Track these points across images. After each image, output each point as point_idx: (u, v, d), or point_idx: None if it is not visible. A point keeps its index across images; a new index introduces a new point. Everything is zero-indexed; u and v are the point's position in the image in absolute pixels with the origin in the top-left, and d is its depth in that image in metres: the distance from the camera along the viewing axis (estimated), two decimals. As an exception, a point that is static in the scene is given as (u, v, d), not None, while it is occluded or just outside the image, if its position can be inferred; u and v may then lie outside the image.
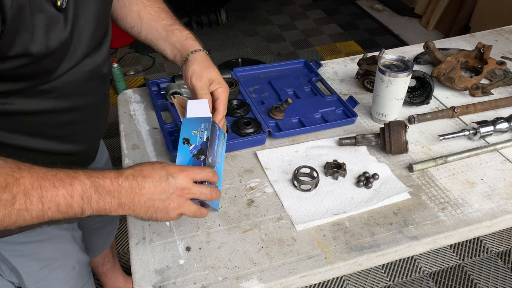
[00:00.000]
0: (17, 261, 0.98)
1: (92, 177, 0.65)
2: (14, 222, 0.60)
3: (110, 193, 0.66)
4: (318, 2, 4.44)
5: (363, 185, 1.00)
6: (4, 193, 0.58)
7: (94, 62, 0.80)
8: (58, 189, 0.61)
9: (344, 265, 0.85)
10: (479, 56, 1.39)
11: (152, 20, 0.94)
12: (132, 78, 3.21)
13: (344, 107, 1.23)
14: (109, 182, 0.66)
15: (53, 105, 0.77)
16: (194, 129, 0.81)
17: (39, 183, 0.60)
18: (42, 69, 0.69)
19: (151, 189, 0.69)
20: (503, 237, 2.03)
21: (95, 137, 1.00)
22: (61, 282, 1.08)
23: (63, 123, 0.82)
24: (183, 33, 0.92)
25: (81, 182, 0.63)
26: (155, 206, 0.70)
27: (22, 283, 1.02)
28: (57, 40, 0.67)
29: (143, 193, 0.68)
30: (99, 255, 1.52)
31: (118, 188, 0.66)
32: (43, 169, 0.62)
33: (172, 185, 0.70)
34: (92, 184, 0.64)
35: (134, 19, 0.95)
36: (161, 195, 0.69)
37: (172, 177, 0.70)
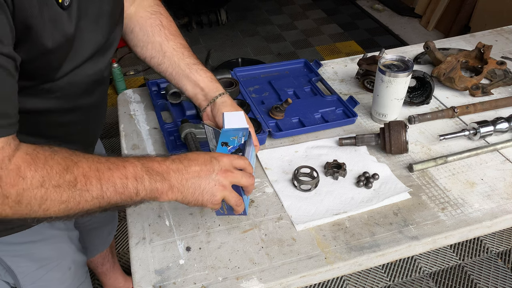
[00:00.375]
0: (13, 261, 0.98)
1: (141, 160, 0.69)
2: (78, 203, 0.62)
3: (159, 174, 0.69)
4: (318, 2, 4.44)
5: (363, 185, 1.00)
6: (66, 174, 0.61)
7: (97, 66, 0.81)
8: (113, 170, 0.65)
9: (344, 265, 0.85)
10: (479, 56, 1.39)
11: (175, 56, 0.96)
12: (132, 78, 3.21)
13: (344, 107, 1.23)
14: (157, 164, 0.69)
15: (54, 105, 0.78)
16: (233, 136, 0.85)
17: (96, 166, 0.64)
18: (47, 65, 0.69)
19: (197, 169, 0.72)
20: (503, 237, 2.03)
21: (92, 138, 1.00)
22: (57, 282, 1.08)
23: (62, 123, 0.83)
24: (207, 74, 0.96)
25: (132, 164, 0.67)
26: (201, 187, 0.72)
27: (18, 284, 1.02)
28: (61, 36, 0.67)
29: (190, 172, 0.71)
30: (98, 254, 1.52)
31: (167, 170, 0.70)
32: (96, 156, 0.66)
33: (216, 166, 0.73)
34: (143, 165, 0.68)
35: (156, 50, 0.97)
36: (207, 176, 0.72)
37: (216, 159, 0.74)
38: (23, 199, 0.59)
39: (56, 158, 0.61)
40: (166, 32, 0.98)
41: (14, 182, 0.57)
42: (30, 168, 0.59)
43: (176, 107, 1.23)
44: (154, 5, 1.00)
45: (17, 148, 0.59)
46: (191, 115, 1.20)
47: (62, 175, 0.60)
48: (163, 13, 1.00)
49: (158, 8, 1.00)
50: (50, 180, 0.60)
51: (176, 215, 0.94)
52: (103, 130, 2.04)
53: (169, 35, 0.98)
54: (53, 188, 0.60)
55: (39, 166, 0.59)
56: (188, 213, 0.94)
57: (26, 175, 0.58)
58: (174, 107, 1.22)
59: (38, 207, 0.60)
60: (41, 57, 0.66)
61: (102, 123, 1.01)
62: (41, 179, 0.59)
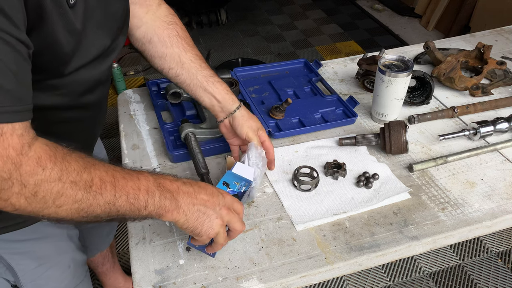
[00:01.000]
0: (13, 259, 0.98)
1: (154, 175, 0.69)
2: (90, 205, 0.61)
3: (170, 192, 0.69)
4: (318, 2, 4.44)
5: (363, 185, 1.00)
6: (83, 173, 0.60)
7: (101, 67, 0.82)
8: (127, 180, 0.65)
9: (344, 265, 0.85)
10: (479, 56, 1.39)
11: (192, 67, 0.98)
12: (132, 78, 3.21)
13: (344, 107, 1.23)
14: (169, 182, 0.70)
15: (58, 102, 0.78)
16: (236, 181, 0.90)
17: (112, 172, 0.64)
18: (56, 59, 0.70)
19: (205, 198, 0.73)
20: (503, 237, 2.03)
21: (92, 137, 1.00)
22: (56, 280, 1.08)
23: (63, 120, 0.83)
24: (223, 87, 0.99)
25: (146, 177, 0.68)
26: (205, 216, 0.73)
27: (18, 281, 1.02)
28: (69, 32, 0.68)
29: (198, 198, 0.72)
30: (98, 254, 1.52)
31: (177, 189, 0.70)
32: (112, 164, 0.66)
33: (221, 201, 0.75)
34: (155, 181, 0.68)
35: (174, 61, 0.99)
36: (212, 207, 0.74)
37: (222, 195, 0.76)
38: (39, 191, 0.57)
39: (74, 156, 0.61)
40: (184, 43, 1.00)
41: (34, 171, 0.56)
42: (50, 160, 0.58)
43: (176, 107, 1.23)
44: (170, 15, 1.02)
45: (36, 138, 0.59)
46: (191, 115, 1.20)
47: (80, 173, 0.60)
48: (178, 23, 1.02)
49: (174, 18, 1.02)
50: (68, 175, 0.59)
51: (176, 215, 0.94)
52: (103, 130, 2.04)
53: (187, 46, 1.00)
54: (70, 184, 0.59)
55: (58, 159, 0.59)
56: (188, 213, 0.94)
57: (47, 166, 0.57)
58: (174, 107, 1.22)
59: (52, 202, 0.59)
60: (50, 49, 0.66)
61: (102, 123, 1.01)
62: (59, 172, 0.58)
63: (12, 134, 0.55)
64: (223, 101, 0.98)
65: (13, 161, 0.55)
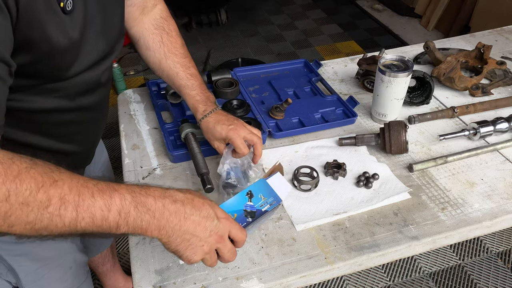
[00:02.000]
0: (14, 261, 0.98)
1: (135, 192, 0.62)
2: (46, 226, 0.56)
3: (150, 212, 0.62)
4: (318, 2, 4.43)
5: (363, 185, 1.00)
6: (38, 193, 0.55)
7: (100, 69, 0.83)
8: (95, 199, 0.58)
9: (344, 265, 0.85)
10: (479, 56, 1.39)
11: (170, 75, 1.03)
12: (132, 78, 3.21)
13: (344, 107, 1.23)
14: (152, 200, 0.62)
15: (58, 105, 0.78)
16: (263, 194, 0.82)
17: (78, 190, 0.57)
18: (54, 66, 0.70)
19: (196, 222, 0.65)
20: (503, 237, 2.03)
21: (94, 138, 1.01)
22: (58, 281, 1.08)
23: (64, 122, 0.83)
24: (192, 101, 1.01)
25: (121, 195, 0.60)
26: (190, 241, 0.66)
27: (19, 283, 1.02)
28: (66, 39, 0.68)
29: (188, 223, 0.65)
30: (98, 254, 1.52)
31: (162, 209, 0.63)
32: (84, 178, 0.60)
33: (214, 227, 0.67)
34: (133, 199, 0.61)
35: (156, 65, 1.05)
36: (202, 231, 0.66)
37: (218, 220, 0.68)
38: None
39: (32, 172, 0.55)
40: (165, 50, 1.03)
41: None
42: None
43: (176, 107, 1.23)
44: (160, 18, 1.04)
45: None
46: (191, 115, 1.19)
47: (34, 193, 0.54)
48: (166, 28, 1.04)
49: (163, 22, 1.04)
50: (17, 196, 0.54)
51: (176, 215, 0.94)
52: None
53: (168, 53, 1.03)
54: (19, 205, 0.54)
55: (8, 178, 0.53)
56: (188, 213, 0.94)
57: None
58: (174, 107, 1.22)
59: (2, 221, 0.54)
60: (49, 58, 0.67)
61: (103, 123, 1.02)
62: (7, 193, 0.53)
63: None
64: (193, 110, 1.01)
65: None
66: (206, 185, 0.91)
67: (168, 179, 1.02)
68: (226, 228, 0.68)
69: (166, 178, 1.03)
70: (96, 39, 0.77)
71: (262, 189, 0.83)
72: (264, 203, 0.82)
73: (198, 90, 1.01)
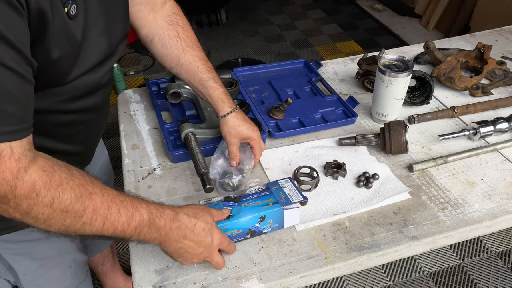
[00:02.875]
0: (14, 260, 0.98)
1: (152, 214, 0.71)
2: (76, 230, 0.65)
3: (159, 231, 0.72)
4: (318, 2, 4.43)
5: (363, 185, 1.00)
6: (76, 203, 0.63)
7: (101, 71, 0.83)
8: (121, 215, 0.67)
9: (344, 265, 0.85)
10: (479, 56, 1.39)
11: (190, 69, 1.00)
12: (132, 78, 3.21)
13: (344, 107, 1.23)
14: (163, 223, 0.72)
15: (59, 107, 0.79)
16: (273, 220, 0.87)
17: (108, 204, 0.66)
18: (55, 72, 0.71)
19: (192, 243, 0.76)
20: (503, 237, 2.02)
21: (94, 138, 1.00)
22: (57, 281, 1.08)
23: (66, 124, 0.83)
24: (215, 93, 0.99)
25: (141, 216, 0.69)
26: (183, 254, 0.77)
27: (18, 282, 1.02)
28: (69, 45, 0.69)
29: (185, 242, 0.75)
30: (98, 254, 1.52)
31: (169, 231, 0.73)
32: (113, 191, 0.68)
33: (207, 246, 0.78)
34: (149, 220, 0.70)
35: (174, 62, 1.01)
36: (194, 251, 0.77)
37: (213, 237, 0.78)
38: (31, 212, 0.61)
39: (71, 184, 0.63)
40: (183, 45, 1.00)
41: (27, 195, 0.59)
42: (44, 186, 0.60)
43: (176, 107, 1.23)
44: (172, 14, 1.02)
45: (34, 161, 0.61)
46: (191, 115, 1.20)
47: (73, 203, 0.62)
48: (180, 22, 1.02)
49: (176, 17, 1.02)
50: (59, 203, 0.61)
51: (176, 215, 0.94)
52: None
53: (186, 47, 1.00)
54: (60, 212, 0.62)
55: (52, 186, 0.61)
56: (188, 213, 0.94)
57: (40, 192, 0.60)
58: (174, 107, 1.22)
59: (43, 221, 0.62)
60: (48, 66, 0.67)
61: (104, 124, 1.01)
62: (51, 199, 0.61)
63: (10, 157, 0.57)
64: (214, 106, 0.99)
65: (8, 183, 0.58)
66: (206, 185, 0.92)
67: (168, 179, 1.02)
68: (217, 243, 0.79)
69: (166, 178, 1.03)
70: (98, 40, 0.77)
71: (275, 216, 0.87)
72: (268, 227, 0.87)
73: (219, 83, 1.00)
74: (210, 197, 0.93)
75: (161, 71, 3.28)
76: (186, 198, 0.98)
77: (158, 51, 1.01)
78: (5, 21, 0.54)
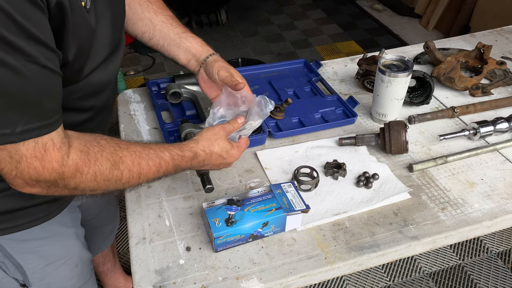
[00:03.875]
0: (22, 258, 0.98)
1: (175, 160, 0.81)
2: (118, 189, 0.76)
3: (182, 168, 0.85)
4: (318, 2, 4.43)
5: (363, 185, 1.00)
6: (115, 169, 0.72)
7: (110, 66, 0.83)
8: (150, 167, 0.77)
9: (344, 265, 0.85)
10: (479, 56, 1.39)
11: (164, 27, 1.00)
12: (132, 78, 3.21)
13: (344, 107, 1.23)
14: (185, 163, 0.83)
15: (75, 105, 0.80)
16: (275, 225, 0.88)
17: (138, 161, 0.75)
18: (73, 68, 0.71)
19: (212, 164, 0.88)
20: (503, 237, 2.03)
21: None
22: (64, 279, 1.08)
23: (80, 122, 0.85)
24: (197, 40, 1.00)
25: (167, 163, 0.80)
26: (211, 167, 0.91)
27: (27, 280, 1.02)
28: (87, 40, 0.71)
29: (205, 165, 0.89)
30: (99, 253, 1.52)
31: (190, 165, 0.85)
32: (138, 148, 0.77)
33: (222, 165, 0.90)
34: (173, 164, 0.81)
35: (147, 25, 1.00)
36: (217, 165, 0.89)
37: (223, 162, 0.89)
38: (79, 187, 0.70)
39: (104, 155, 0.71)
40: (154, 7, 1.01)
41: (73, 175, 0.68)
42: (85, 165, 0.68)
43: (176, 107, 1.23)
44: None
45: (70, 145, 0.67)
46: (191, 115, 1.20)
47: (111, 171, 0.71)
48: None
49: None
50: (101, 175, 0.70)
51: (176, 215, 0.94)
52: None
53: (157, 9, 1.01)
54: (103, 181, 0.71)
55: (91, 163, 0.69)
56: (188, 213, 0.94)
57: (83, 171, 0.68)
58: (174, 107, 1.22)
59: (89, 191, 0.72)
60: (65, 62, 0.68)
61: (109, 123, 1.03)
62: (94, 174, 0.69)
63: (53, 149, 0.64)
64: (198, 53, 0.98)
65: (57, 171, 0.65)
66: (206, 185, 0.91)
67: (168, 179, 1.02)
68: (229, 162, 0.90)
69: (166, 178, 1.03)
70: (107, 33, 0.78)
71: (278, 222, 0.87)
72: (270, 231, 0.88)
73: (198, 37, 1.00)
74: (212, 199, 0.93)
75: (161, 71, 3.28)
76: (186, 198, 0.98)
77: (130, 19, 1.00)
78: (32, 21, 0.56)
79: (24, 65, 0.57)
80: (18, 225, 0.90)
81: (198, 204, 0.96)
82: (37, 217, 0.91)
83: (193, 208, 0.96)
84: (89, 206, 1.26)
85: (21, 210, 0.87)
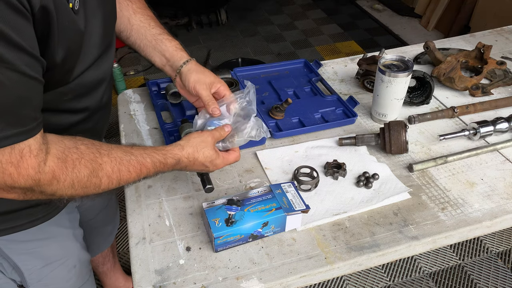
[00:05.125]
0: (20, 259, 0.98)
1: (156, 167, 0.80)
2: (98, 195, 0.75)
3: (164, 173, 0.85)
4: (318, 2, 4.43)
5: (363, 185, 1.00)
6: (93, 177, 0.70)
7: (103, 65, 0.83)
8: (131, 173, 0.76)
9: (344, 265, 0.85)
10: (479, 56, 1.39)
11: (142, 28, 0.98)
12: (132, 78, 3.21)
13: (344, 107, 1.23)
14: (166, 169, 0.82)
15: (67, 107, 0.80)
16: (275, 225, 0.88)
17: (118, 168, 0.74)
18: (61, 71, 0.71)
19: (194, 169, 0.88)
20: (503, 237, 2.03)
21: (99, 138, 1.01)
22: (62, 280, 1.08)
23: (74, 124, 0.84)
24: (172, 43, 0.97)
25: (148, 170, 0.79)
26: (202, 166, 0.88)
27: (24, 281, 1.02)
28: (76, 42, 0.70)
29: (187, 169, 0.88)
30: (99, 254, 1.52)
31: (172, 171, 0.85)
32: (119, 153, 0.75)
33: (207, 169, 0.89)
34: (154, 171, 0.80)
35: (124, 24, 0.98)
36: (199, 167, 0.88)
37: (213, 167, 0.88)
38: (56, 194, 0.69)
39: (83, 162, 0.69)
40: (134, 7, 0.99)
41: (50, 183, 0.66)
42: (62, 172, 0.67)
43: (176, 107, 1.23)
44: None
45: (48, 152, 0.66)
46: (191, 115, 1.19)
47: (89, 179, 0.70)
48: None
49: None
50: (79, 182, 0.69)
51: (176, 215, 0.94)
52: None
53: (136, 8, 0.99)
54: (81, 188, 0.70)
55: (69, 170, 0.67)
56: (188, 213, 0.94)
57: (60, 178, 0.67)
58: (174, 107, 1.22)
59: (68, 197, 0.71)
60: (53, 65, 0.68)
61: (107, 122, 1.02)
62: (71, 181, 0.68)
63: (30, 155, 0.62)
64: (172, 58, 0.97)
65: (32, 178, 0.64)
66: (206, 185, 0.91)
67: (168, 179, 1.02)
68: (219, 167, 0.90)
69: (166, 178, 1.03)
70: (98, 33, 0.77)
71: (278, 222, 0.87)
72: (270, 231, 0.88)
73: (173, 37, 0.98)
74: (212, 199, 0.93)
75: (161, 71, 3.27)
76: (186, 198, 0.98)
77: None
78: (14, 27, 0.55)
79: (2, 72, 0.56)
80: (16, 226, 0.90)
81: (198, 204, 0.96)
82: (34, 218, 0.91)
83: (193, 208, 0.96)
84: (88, 207, 1.26)
85: (18, 211, 0.87)
